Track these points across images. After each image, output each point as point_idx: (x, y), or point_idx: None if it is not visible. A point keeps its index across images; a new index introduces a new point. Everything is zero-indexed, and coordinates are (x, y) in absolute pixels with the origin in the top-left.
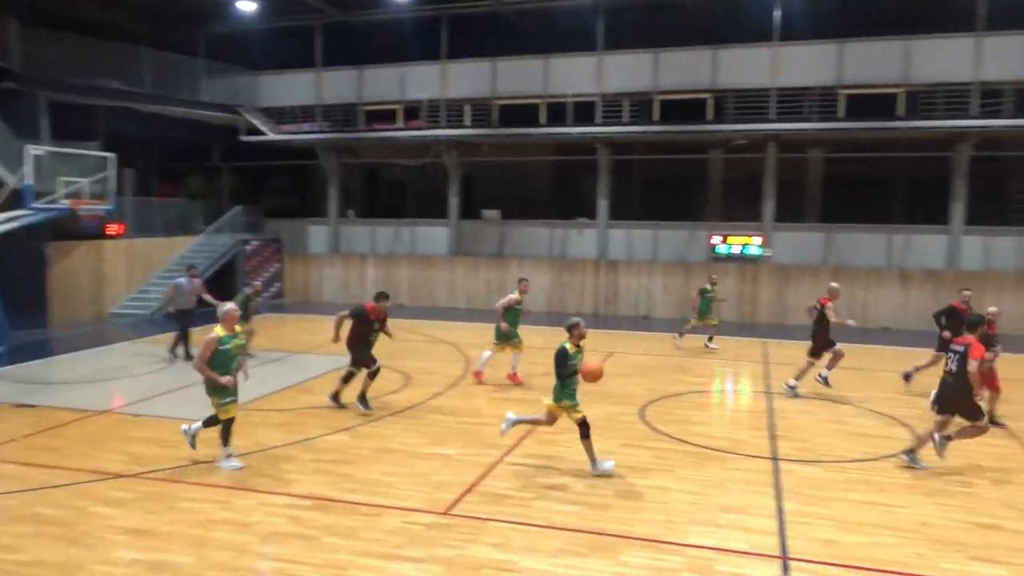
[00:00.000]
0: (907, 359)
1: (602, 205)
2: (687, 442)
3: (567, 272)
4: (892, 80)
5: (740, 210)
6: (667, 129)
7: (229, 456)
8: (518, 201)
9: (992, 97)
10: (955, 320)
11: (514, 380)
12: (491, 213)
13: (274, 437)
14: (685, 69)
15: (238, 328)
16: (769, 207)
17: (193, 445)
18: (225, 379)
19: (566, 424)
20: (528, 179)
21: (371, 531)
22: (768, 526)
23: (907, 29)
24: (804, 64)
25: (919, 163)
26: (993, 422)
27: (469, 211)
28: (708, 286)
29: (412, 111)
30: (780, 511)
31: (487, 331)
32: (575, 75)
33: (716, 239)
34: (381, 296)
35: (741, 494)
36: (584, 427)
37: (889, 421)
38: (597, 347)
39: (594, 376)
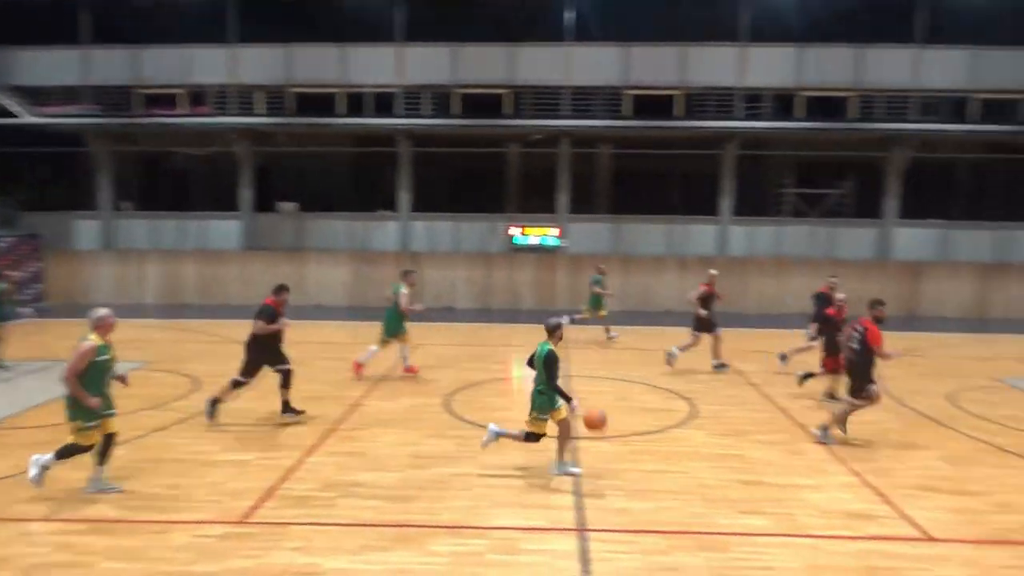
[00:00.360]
0: (686, 338)
1: (404, 197)
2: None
3: (369, 265)
4: (670, 83)
5: (537, 202)
6: (466, 123)
7: (100, 482)
8: (317, 193)
9: (754, 102)
10: (823, 302)
11: (411, 371)
12: (288, 206)
13: None
14: (484, 64)
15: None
16: (563, 200)
17: (40, 480)
18: (93, 400)
19: (369, 419)
20: (327, 171)
21: (157, 550)
22: (567, 502)
23: (683, 37)
24: (594, 65)
25: (694, 160)
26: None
27: (264, 203)
28: (598, 275)
29: (198, 96)
30: (577, 486)
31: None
32: (375, 65)
33: (515, 230)
34: (282, 289)
35: (542, 474)
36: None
37: (669, 396)
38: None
39: (597, 426)
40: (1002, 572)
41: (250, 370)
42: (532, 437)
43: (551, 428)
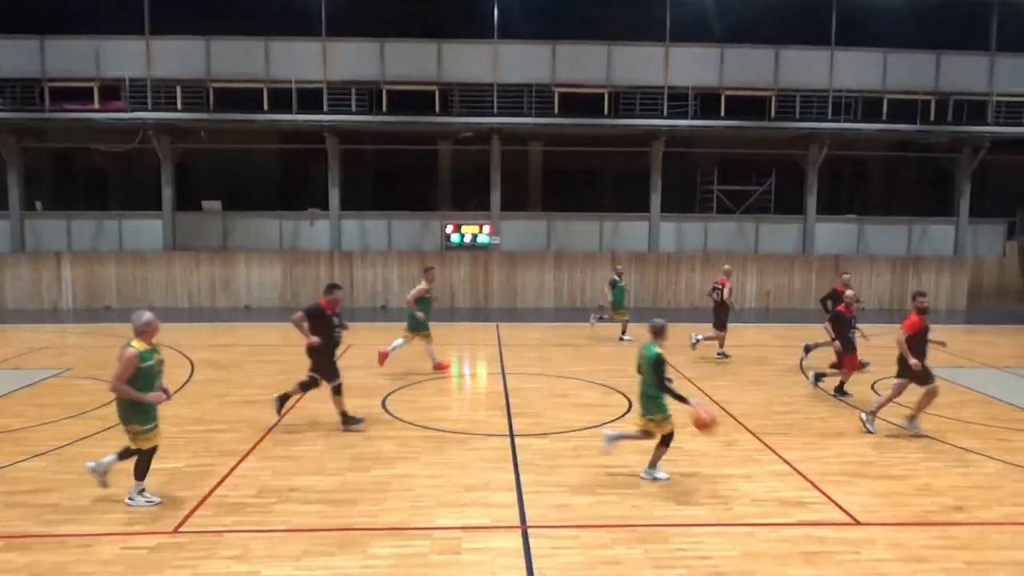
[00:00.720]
0: (616, 333)
1: (334, 195)
2: (429, 428)
3: (300, 265)
4: (599, 82)
5: (470, 200)
6: (395, 119)
7: (142, 491)
8: (243, 191)
9: (680, 100)
10: (836, 299)
11: (441, 368)
12: (212, 204)
13: None
14: (412, 61)
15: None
16: (496, 197)
17: (105, 483)
18: (152, 395)
19: (306, 422)
20: (253, 168)
21: (83, 564)
22: (508, 499)
23: (610, 36)
24: (523, 63)
25: (624, 157)
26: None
27: (187, 202)
28: (616, 277)
29: (112, 90)
30: (518, 484)
31: (215, 331)
32: (299, 60)
33: (448, 228)
34: (334, 288)
35: (483, 472)
36: (669, 438)
37: (607, 391)
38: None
39: (708, 427)
40: (924, 551)
41: (329, 370)
42: (669, 438)
43: (312, 424)
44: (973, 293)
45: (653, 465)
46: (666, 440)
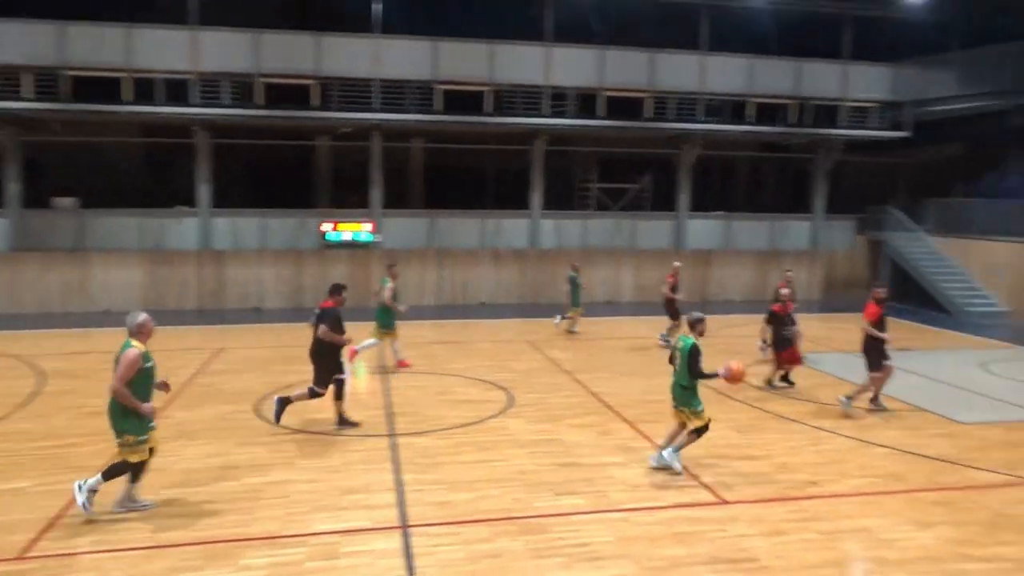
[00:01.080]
0: (502, 330)
1: (203, 192)
2: (306, 431)
3: (165, 266)
4: (480, 79)
5: (349, 197)
6: (271, 114)
7: (134, 499)
8: (101, 188)
9: (560, 99)
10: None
11: (404, 365)
12: (65, 201)
13: None
14: (288, 53)
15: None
16: (377, 194)
17: (90, 506)
18: (147, 406)
19: (172, 432)
20: (113, 163)
21: None
22: (388, 500)
23: (491, 34)
24: (404, 58)
25: (505, 155)
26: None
27: (37, 199)
28: (574, 274)
29: None
30: (399, 483)
31: (69, 338)
32: (166, 49)
33: (327, 226)
34: (339, 289)
35: (362, 474)
36: (702, 430)
37: (487, 387)
38: (203, 345)
39: (739, 378)
40: (783, 525)
41: (324, 380)
42: (701, 431)
43: (178, 432)
44: (828, 284)
45: (677, 450)
46: (698, 431)
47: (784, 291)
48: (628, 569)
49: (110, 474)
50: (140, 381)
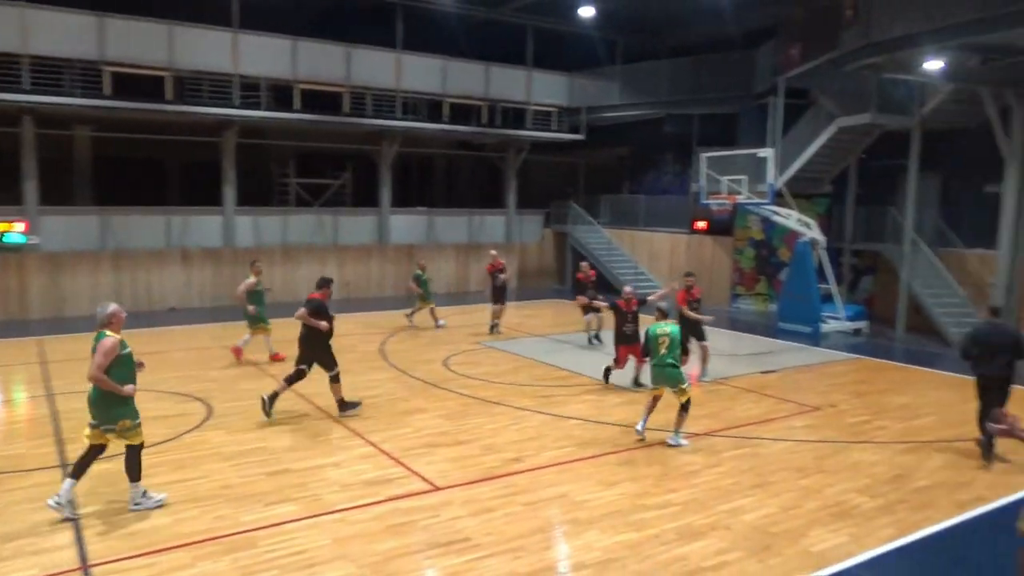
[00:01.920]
0: (196, 336)
1: None
2: None
3: None
4: (158, 63)
5: None
6: None
7: (145, 492)
8: None
9: (252, 90)
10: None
11: (277, 358)
12: None
13: None
14: None
15: None
16: (31, 189)
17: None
18: (129, 387)
19: None
20: None
21: None
22: (63, 540)
23: (170, 15)
24: (61, 33)
25: (193, 147)
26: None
27: None
28: (420, 271)
29: None
30: (75, 520)
31: None
32: None
33: None
34: (327, 283)
35: (27, 515)
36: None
37: (181, 399)
38: None
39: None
40: (491, 502)
41: (330, 362)
42: (688, 404)
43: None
44: (521, 274)
45: (677, 431)
46: (686, 407)
47: (627, 289)
48: (346, 570)
49: (133, 471)
50: (121, 367)
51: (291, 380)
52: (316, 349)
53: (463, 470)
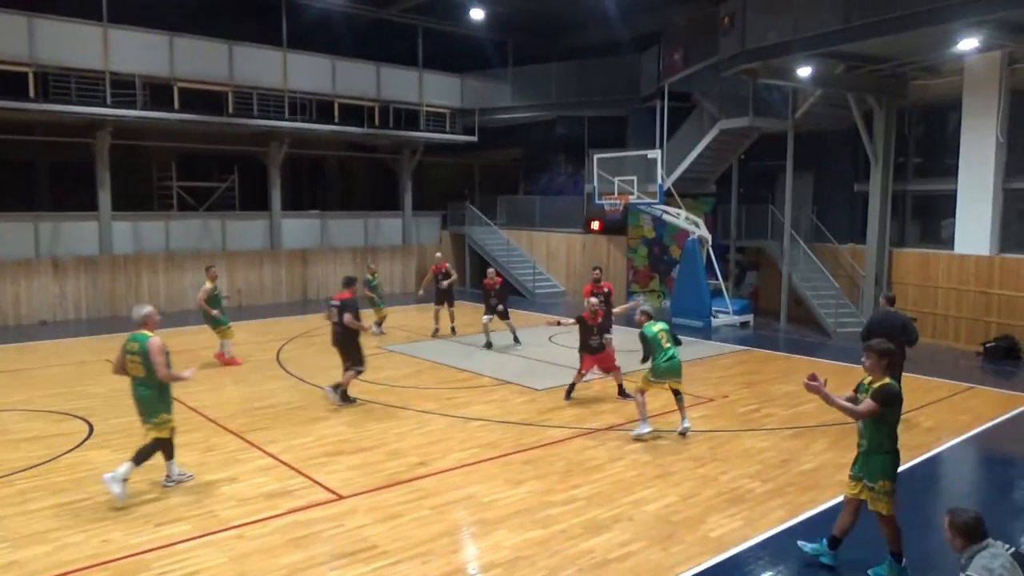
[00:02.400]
0: (72, 351)
1: None
2: None
3: None
4: (19, 58)
5: None
6: None
7: (181, 473)
8: None
9: (126, 88)
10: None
11: (229, 362)
12: None
13: None
14: None
15: None
16: None
17: (124, 495)
18: (188, 372)
19: None
20: None
21: None
22: None
23: (30, 6)
24: None
25: (63, 148)
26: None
27: None
28: (370, 277)
29: None
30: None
31: None
32: None
33: None
34: (353, 280)
35: None
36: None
37: (59, 418)
38: None
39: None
40: (397, 508)
41: (359, 358)
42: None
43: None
44: (419, 275)
45: (685, 416)
46: (680, 393)
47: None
48: None
49: (141, 457)
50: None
51: (356, 375)
52: (351, 346)
53: (367, 477)
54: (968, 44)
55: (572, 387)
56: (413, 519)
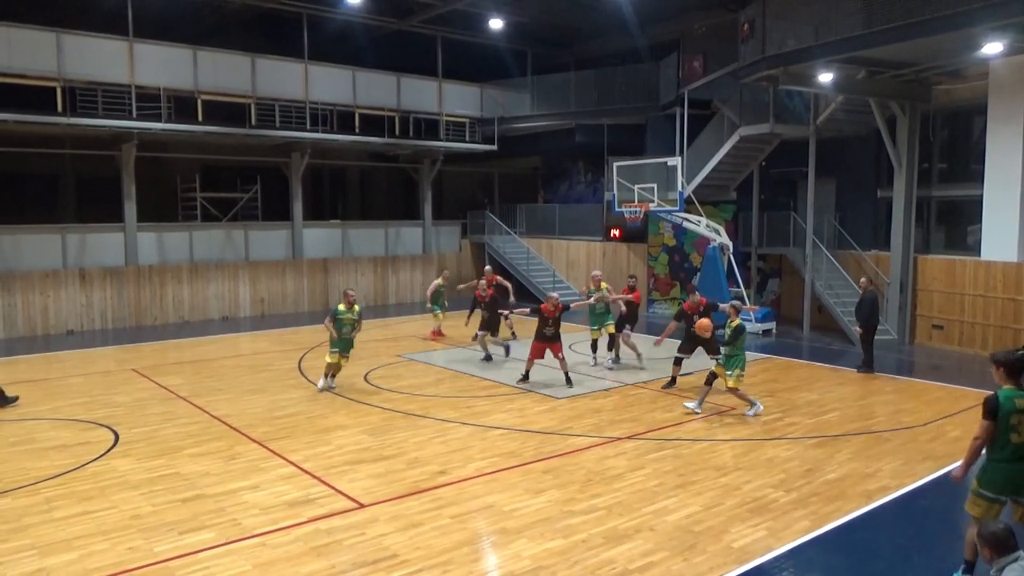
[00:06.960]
0: (98, 360)
1: None
2: None
3: None
4: (48, 73)
5: None
6: None
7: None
8: None
9: (151, 101)
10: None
11: None
12: None
13: None
14: None
15: None
16: None
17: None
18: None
19: None
20: None
21: None
22: None
23: (59, 22)
24: None
25: (89, 161)
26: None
27: None
28: (442, 282)
29: None
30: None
31: None
32: None
33: None
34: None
35: None
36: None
37: (85, 427)
38: None
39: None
40: (418, 517)
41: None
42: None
43: None
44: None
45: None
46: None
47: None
48: None
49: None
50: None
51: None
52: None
53: (388, 485)
54: (993, 48)
55: (527, 373)
56: (434, 528)
